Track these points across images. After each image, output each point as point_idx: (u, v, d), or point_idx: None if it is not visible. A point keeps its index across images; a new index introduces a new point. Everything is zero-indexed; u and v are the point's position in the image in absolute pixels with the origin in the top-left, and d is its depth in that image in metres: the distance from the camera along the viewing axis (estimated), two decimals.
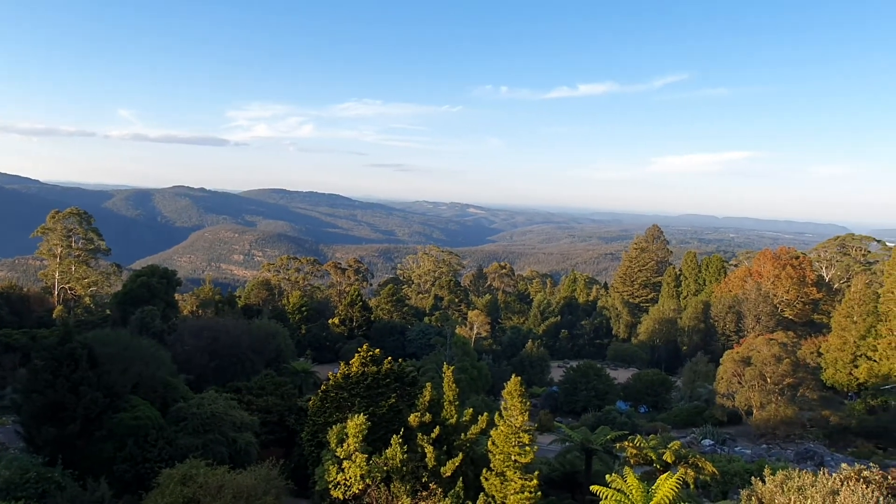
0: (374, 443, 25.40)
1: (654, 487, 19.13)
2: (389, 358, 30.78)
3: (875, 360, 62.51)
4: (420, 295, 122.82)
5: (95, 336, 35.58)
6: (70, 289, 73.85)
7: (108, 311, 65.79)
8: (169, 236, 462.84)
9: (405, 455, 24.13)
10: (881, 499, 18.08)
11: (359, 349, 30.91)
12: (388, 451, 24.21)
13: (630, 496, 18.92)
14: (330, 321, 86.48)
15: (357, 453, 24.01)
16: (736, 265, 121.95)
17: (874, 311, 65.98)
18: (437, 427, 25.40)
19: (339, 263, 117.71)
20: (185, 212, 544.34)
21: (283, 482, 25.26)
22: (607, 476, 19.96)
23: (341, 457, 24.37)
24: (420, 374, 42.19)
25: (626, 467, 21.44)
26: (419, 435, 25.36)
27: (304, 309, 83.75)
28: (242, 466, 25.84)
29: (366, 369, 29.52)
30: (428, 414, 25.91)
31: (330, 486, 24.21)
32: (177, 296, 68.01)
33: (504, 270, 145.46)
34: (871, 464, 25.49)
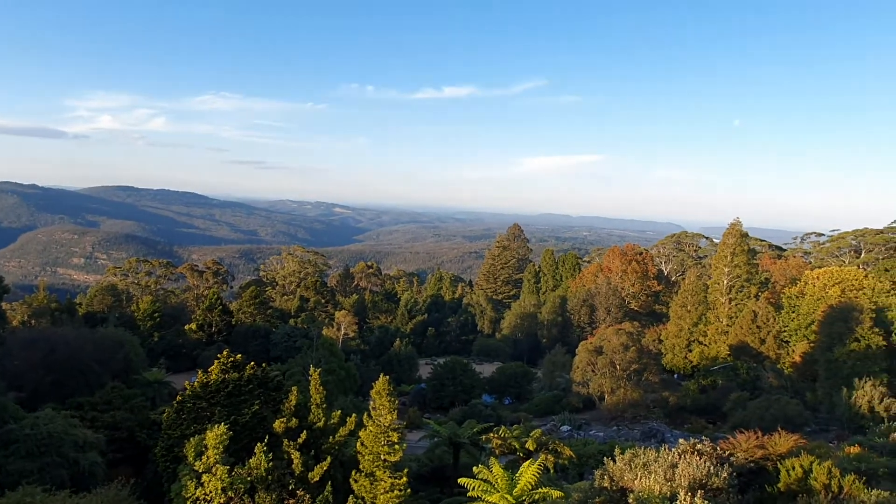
0: (237, 453, 24.25)
1: (517, 475, 19.96)
2: (252, 363, 29.52)
3: (705, 345, 69.88)
4: (285, 297, 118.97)
5: None
6: None
7: None
8: None
9: (270, 463, 23.28)
10: (712, 467, 20.31)
11: (219, 355, 29.32)
12: (252, 461, 23.22)
13: (496, 485, 19.61)
14: (186, 327, 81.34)
15: (218, 465, 22.78)
16: (589, 261, 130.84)
17: (704, 300, 73.81)
18: (304, 432, 24.78)
19: (196, 265, 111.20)
20: (12, 211, 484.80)
21: (134, 502, 23.56)
22: (474, 468, 20.51)
23: (200, 470, 23.01)
24: (286, 378, 41.01)
25: (492, 458, 22.23)
26: (285, 441, 24.59)
27: (156, 315, 78.00)
28: (87, 489, 23.70)
29: (226, 376, 28.08)
30: (294, 419, 25.21)
31: (188, 503, 22.83)
32: (4, 305, 60.46)
33: (371, 270, 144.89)
34: (703, 437, 28.33)
